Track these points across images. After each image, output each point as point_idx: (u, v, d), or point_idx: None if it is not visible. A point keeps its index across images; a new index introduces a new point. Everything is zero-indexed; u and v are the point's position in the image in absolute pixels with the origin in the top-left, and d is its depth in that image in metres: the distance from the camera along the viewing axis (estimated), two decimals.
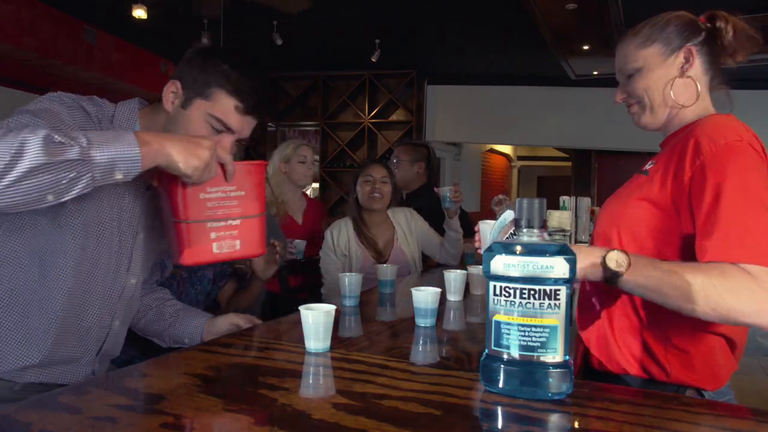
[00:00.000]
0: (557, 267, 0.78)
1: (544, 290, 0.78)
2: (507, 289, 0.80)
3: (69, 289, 1.12)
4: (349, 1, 4.34)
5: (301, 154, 2.79)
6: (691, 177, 1.00)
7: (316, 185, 6.89)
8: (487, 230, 1.29)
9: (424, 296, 1.33)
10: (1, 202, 0.86)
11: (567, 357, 0.81)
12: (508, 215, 1.13)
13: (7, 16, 4.21)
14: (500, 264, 0.80)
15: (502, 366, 0.81)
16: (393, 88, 6.54)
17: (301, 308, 1.08)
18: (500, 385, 0.82)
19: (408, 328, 1.36)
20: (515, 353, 0.80)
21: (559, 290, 0.79)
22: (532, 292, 0.79)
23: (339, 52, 5.86)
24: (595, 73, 5.71)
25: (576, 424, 0.76)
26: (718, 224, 0.93)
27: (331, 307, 1.09)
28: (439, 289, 1.35)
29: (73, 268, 1.12)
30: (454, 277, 1.71)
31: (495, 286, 0.82)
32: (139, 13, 4.22)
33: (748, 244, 0.90)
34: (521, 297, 0.79)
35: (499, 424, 0.77)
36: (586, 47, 4.95)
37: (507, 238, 1.00)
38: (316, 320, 1.06)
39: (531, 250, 0.79)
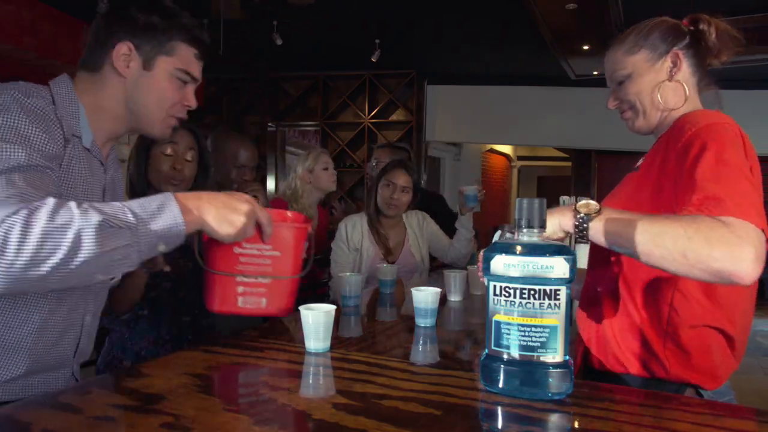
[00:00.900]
0: (557, 267, 0.78)
1: (544, 290, 0.78)
2: (507, 289, 0.80)
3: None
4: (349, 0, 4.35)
5: (323, 161, 2.83)
6: (675, 156, 1.02)
7: None
8: None
9: (424, 296, 1.33)
10: (51, 285, 0.84)
11: (567, 357, 0.81)
12: (498, 236, 1.15)
13: (7, 16, 4.21)
14: (500, 264, 0.80)
15: (502, 366, 0.81)
16: (393, 88, 6.53)
17: (301, 308, 1.08)
18: (500, 385, 0.82)
19: (408, 328, 1.36)
20: (515, 353, 0.80)
21: (559, 290, 0.79)
22: (532, 292, 0.79)
23: (339, 52, 5.86)
24: (595, 73, 5.70)
25: (576, 424, 0.76)
26: (696, 189, 0.93)
27: (331, 307, 1.09)
28: (439, 289, 1.35)
29: None
30: (454, 277, 1.71)
31: (495, 286, 0.82)
32: None
33: (724, 203, 0.89)
34: (521, 297, 0.79)
35: (499, 424, 0.77)
36: (586, 47, 4.95)
37: None
38: (316, 320, 1.06)
39: (531, 250, 0.79)
